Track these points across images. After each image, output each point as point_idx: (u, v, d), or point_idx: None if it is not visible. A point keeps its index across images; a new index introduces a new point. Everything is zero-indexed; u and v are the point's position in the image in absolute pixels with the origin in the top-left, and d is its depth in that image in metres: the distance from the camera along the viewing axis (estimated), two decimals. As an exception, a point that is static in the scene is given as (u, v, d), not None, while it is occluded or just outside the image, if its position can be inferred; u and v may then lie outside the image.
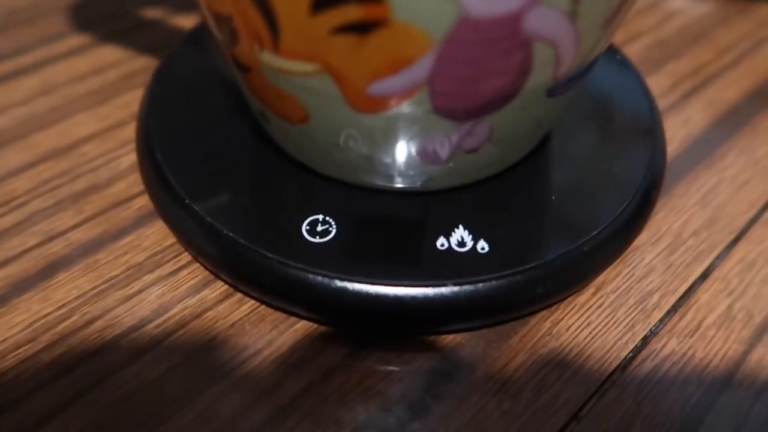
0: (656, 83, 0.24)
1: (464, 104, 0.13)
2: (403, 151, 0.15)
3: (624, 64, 0.21)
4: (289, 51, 0.13)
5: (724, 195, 0.20)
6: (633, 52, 0.25)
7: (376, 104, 0.13)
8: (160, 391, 0.15)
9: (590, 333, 0.16)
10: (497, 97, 0.13)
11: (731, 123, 0.22)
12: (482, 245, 0.16)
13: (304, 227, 0.16)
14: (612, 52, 0.22)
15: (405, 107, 0.13)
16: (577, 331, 0.16)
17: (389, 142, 0.15)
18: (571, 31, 0.12)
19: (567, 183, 0.18)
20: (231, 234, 0.16)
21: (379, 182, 0.16)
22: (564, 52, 0.13)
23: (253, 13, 0.12)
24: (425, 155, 0.15)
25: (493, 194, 0.17)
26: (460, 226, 0.16)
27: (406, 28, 0.11)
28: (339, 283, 0.15)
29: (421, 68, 0.12)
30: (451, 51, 0.12)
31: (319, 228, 0.16)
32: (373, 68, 0.12)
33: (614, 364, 0.16)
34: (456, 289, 0.15)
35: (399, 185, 0.16)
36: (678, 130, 0.22)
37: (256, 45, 0.13)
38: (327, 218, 0.16)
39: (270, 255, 0.15)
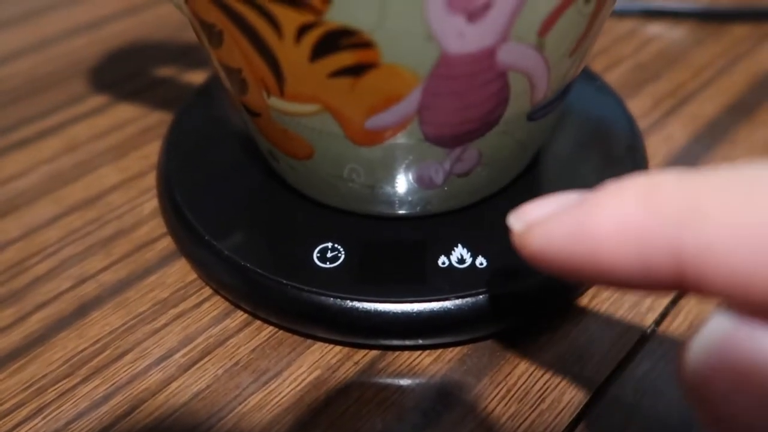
0: (637, 105, 0.25)
1: (452, 132, 0.15)
2: (401, 178, 0.16)
3: (603, 89, 0.23)
4: (293, 95, 0.14)
5: (708, 203, 0.21)
6: (614, 77, 0.27)
7: (373, 137, 0.15)
8: (189, 414, 0.16)
9: (588, 337, 0.17)
10: (481, 124, 0.15)
11: (711, 136, 0.24)
12: (480, 261, 0.17)
13: (315, 255, 0.17)
14: (592, 78, 0.23)
15: (399, 138, 0.15)
16: (576, 337, 0.17)
17: (388, 171, 0.16)
18: (541, 61, 0.14)
19: (556, 200, 0.19)
20: (248, 265, 0.17)
21: (382, 210, 0.18)
22: (537, 80, 0.14)
23: (260, 64, 0.14)
24: (422, 181, 0.17)
25: (488, 214, 0.18)
26: (459, 245, 0.17)
27: (395, 69, 0.13)
28: (350, 303, 0.16)
29: (410, 103, 0.14)
30: (436, 86, 0.13)
31: (329, 254, 0.17)
32: (368, 105, 0.14)
33: (613, 365, 0.17)
34: (458, 302, 0.16)
35: (400, 211, 0.18)
36: (660, 147, 0.23)
37: (264, 92, 0.15)
38: (336, 245, 0.17)
39: (285, 282, 0.17)
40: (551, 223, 0.10)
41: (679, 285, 0.09)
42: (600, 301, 0.18)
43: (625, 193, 0.09)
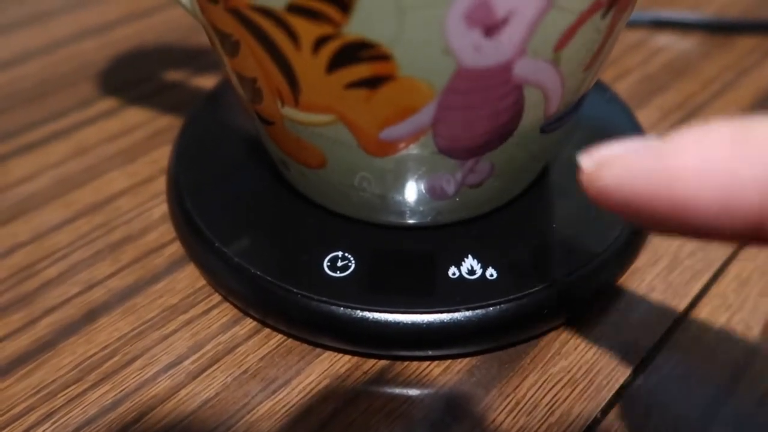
0: (646, 116, 0.25)
1: (465, 144, 0.15)
2: (412, 189, 0.16)
3: (613, 99, 0.23)
4: (307, 105, 0.14)
5: (717, 216, 0.21)
6: (623, 87, 0.27)
7: (386, 148, 0.15)
8: (198, 422, 0.16)
9: (597, 351, 0.17)
10: (495, 136, 0.15)
11: (719, 149, 0.24)
12: (491, 272, 0.17)
13: (325, 263, 0.17)
14: (602, 89, 0.23)
15: (412, 149, 0.15)
16: (585, 350, 0.17)
17: (400, 181, 0.16)
18: (556, 76, 0.14)
19: (566, 212, 0.19)
20: (258, 273, 0.17)
21: (393, 219, 0.18)
22: (552, 94, 0.14)
23: (276, 74, 0.14)
24: (433, 192, 0.17)
25: (498, 225, 0.18)
26: (470, 256, 0.17)
27: (411, 81, 0.13)
28: (360, 313, 0.16)
29: (425, 115, 0.14)
30: (451, 99, 0.13)
31: (339, 263, 0.17)
32: (383, 117, 0.14)
33: (622, 379, 0.17)
34: (468, 313, 0.16)
35: (411, 221, 0.18)
36: (669, 158, 0.23)
37: (278, 101, 0.15)
38: (346, 254, 0.17)
39: (295, 290, 0.17)
40: (628, 159, 0.10)
41: (756, 233, 0.09)
42: (608, 314, 0.18)
43: (715, 133, 0.09)
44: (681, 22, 0.30)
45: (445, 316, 0.16)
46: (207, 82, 0.27)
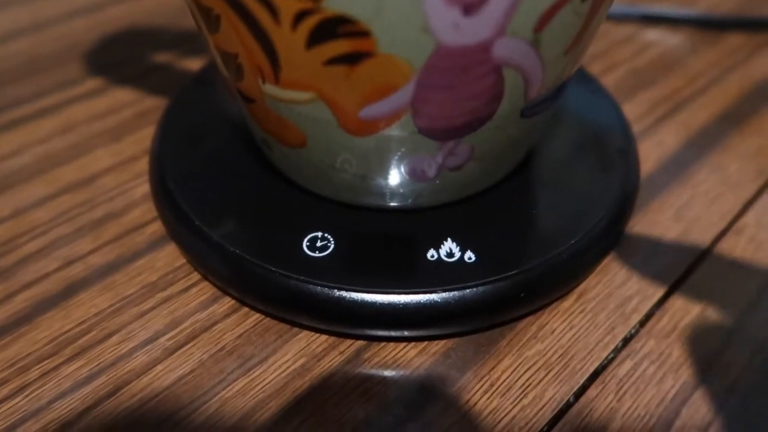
0: (632, 109, 0.25)
1: (445, 125, 0.15)
2: (393, 170, 0.16)
3: (599, 92, 0.23)
4: (288, 82, 0.14)
5: (697, 209, 0.21)
6: (610, 81, 0.27)
7: (366, 127, 0.15)
8: (172, 397, 0.16)
9: (573, 335, 0.17)
10: (474, 118, 0.15)
11: (703, 143, 0.24)
12: (469, 255, 0.17)
13: (305, 243, 0.17)
14: (588, 81, 0.24)
15: (392, 129, 0.15)
16: (561, 334, 0.17)
17: (380, 162, 0.16)
18: (536, 58, 0.14)
19: (547, 198, 0.19)
20: (238, 252, 0.17)
21: (373, 201, 0.18)
22: (532, 77, 0.14)
23: (256, 49, 0.14)
24: (414, 174, 0.17)
25: (478, 209, 0.18)
26: (449, 239, 0.17)
27: (390, 59, 0.13)
28: (337, 293, 0.16)
29: (404, 94, 0.14)
30: (430, 78, 0.13)
31: (319, 244, 0.17)
32: (362, 95, 0.14)
33: (596, 364, 0.17)
34: (446, 295, 0.16)
35: (391, 203, 0.18)
36: (653, 151, 0.23)
37: (259, 77, 0.15)
38: (326, 235, 0.17)
39: (274, 269, 0.17)
40: None
41: None
42: (586, 300, 0.18)
43: None
44: (670, 17, 0.30)
45: (422, 297, 0.16)
46: (195, 64, 0.27)
